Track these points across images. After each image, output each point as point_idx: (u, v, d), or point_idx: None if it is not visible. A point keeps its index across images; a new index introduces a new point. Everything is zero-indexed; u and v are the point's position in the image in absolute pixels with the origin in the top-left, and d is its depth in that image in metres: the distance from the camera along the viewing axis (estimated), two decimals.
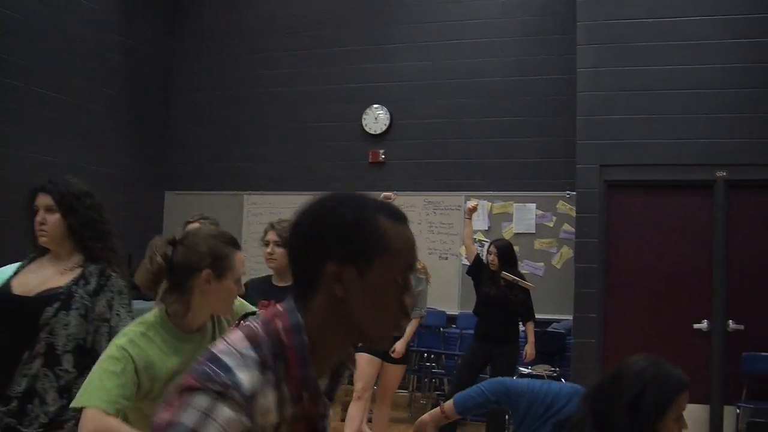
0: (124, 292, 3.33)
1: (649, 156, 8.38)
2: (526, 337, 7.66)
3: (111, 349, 2.60)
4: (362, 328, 1.63)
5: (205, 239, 2.76)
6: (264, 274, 4.95)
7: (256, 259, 10.85)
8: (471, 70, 10.05)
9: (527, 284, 7.60)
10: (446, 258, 9.93)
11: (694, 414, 8.24)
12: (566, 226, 9.41)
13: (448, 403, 3.40)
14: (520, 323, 7.66)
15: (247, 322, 1.64)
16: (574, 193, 8.86)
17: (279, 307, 1.65)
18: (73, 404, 2.59)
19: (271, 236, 4.76)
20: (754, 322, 8.19)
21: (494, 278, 7.48)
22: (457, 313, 9.72)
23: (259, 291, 4.65)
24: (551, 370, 8.48)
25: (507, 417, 7.43)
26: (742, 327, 8.17)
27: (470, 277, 7.84)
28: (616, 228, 8.58)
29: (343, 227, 1.61)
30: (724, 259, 8.24)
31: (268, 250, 4.72)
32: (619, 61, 8.56)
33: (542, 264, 9.51)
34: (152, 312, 2.78)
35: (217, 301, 2.76)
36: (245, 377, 1.52)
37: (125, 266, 3.44)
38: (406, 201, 10.11)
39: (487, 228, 9.73)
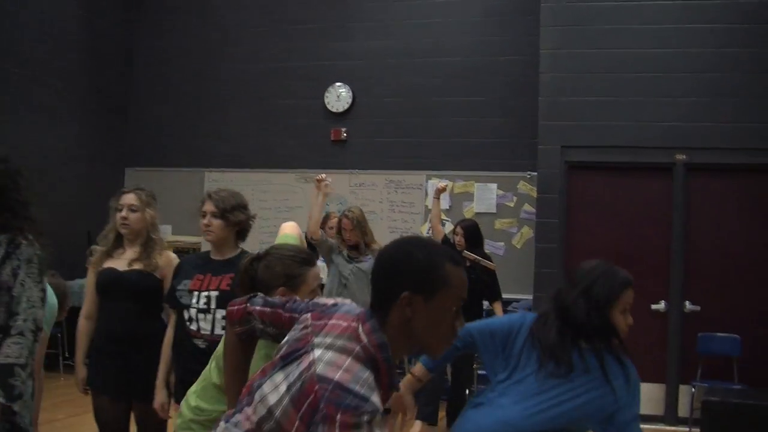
0: (33, 261, 3.17)
1: (610, 138, 8.43)
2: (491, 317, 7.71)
3: None
4: (423, 341, 2.16)
5: (281, 260, 3.12)
6: None
7: None
8: (434, 50, 10.02)
9: (489, 264, 7.62)
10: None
11: (651, 393, 8.35)
12: (527, 207, 9.45)
13: (417, 366, 3.49)
14: (486, 303, 7.68)
15: (343, 344, 2.07)
16: (535, 173, 8.90)
17: (361, 324, 2.11)
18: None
19: (209, 207, 4.24)
20: (710, 304, 8.31)
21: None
22: None
23: (195, 264, 4.28)
24: None
25: (467, 392, 7.49)
26: (698, 308, 8.28)
27: None
28: (577, 209, 8.64)
29: (419, 267, 2.11)
30: (682, 241, 8.34)
31: (205, 221, 4.20)
32: (582, 44, 8.60)
33: (503, 244, 9.55)
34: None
35: None
36: (376, 399, 1.96)
37: (44, 236, 3.30)
38: (367, 179, 10.11)
39: (448, 207, 9.74)
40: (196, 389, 3.29)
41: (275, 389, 2.08)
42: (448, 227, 9.64)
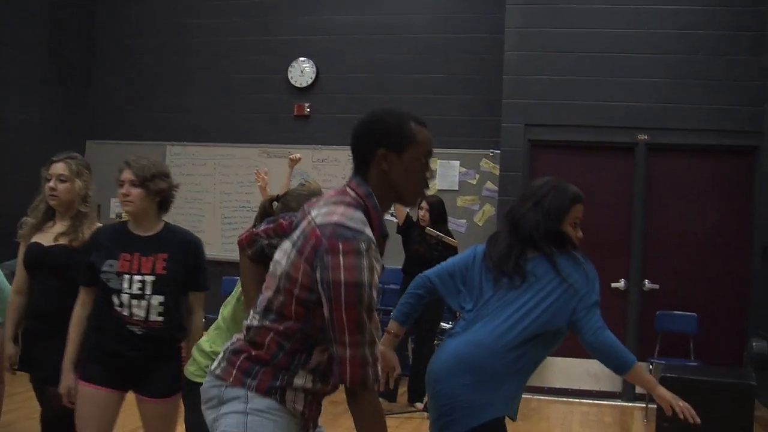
0: None
1: (574, 117, 8.48)
2: None
3: None
4: (400, 191, 2.55)
5: (297, 197, 3.48)
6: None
7: (179, 210, 10.72)
8: (399, 26, 9.99)
9: (451, 240, 7.66)
10: None
11: (608, 371, 8.45)
12: (489, 184, 9.48)
13: (390, 323, 3.61)
14: None
15: (335, 200, 2.47)
16: (498, 151, 8.92)
17: (349, 182, 2.55)
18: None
19: (127, 175, 3.91)
20: (668, 282, 8.41)
21: (424, 236, 7.51)
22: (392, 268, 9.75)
23: (115, 240, 3.87)
24: None
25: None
26: (657, 286, 8.39)
27: (399, 235, 7.82)
28: None
29: (389, 127, 2.52)
30: (643, 221, 8.42)
31: (123, 190, 3.86)
32: (547, 22, 8.62)
33: (464, 221, 9.58)
34: None
35: None
36: (369, 232, 2.38)
37: None
38: (330, 155, 10.08)
39: None
40: (209, 336, 3.70)
41: (285, 254, 2.48)
42: None
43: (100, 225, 4.28)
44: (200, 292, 4.05)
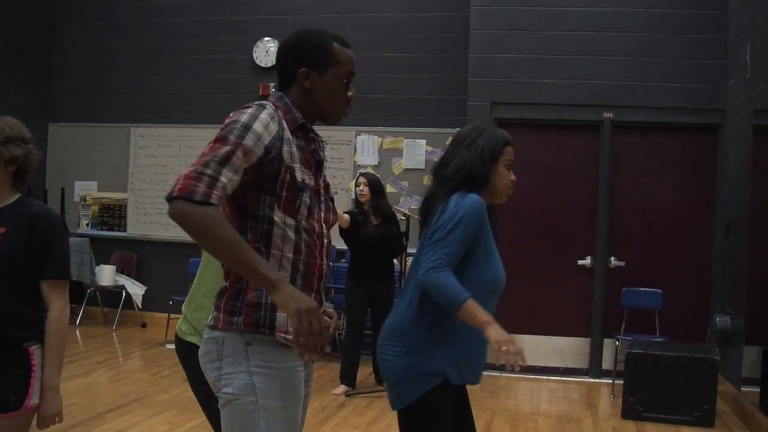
0: None
1: (539, 95, 8.50)
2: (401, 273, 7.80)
3: None
4: (322, 109, 2.63)
5: None
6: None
7: (143, 192, 10.68)
8: (364, 4, 9.94)
9: (418, 218, 7.68)
10: (336, 192, 9.90)
11: (575, 346, 8.53)
12: None
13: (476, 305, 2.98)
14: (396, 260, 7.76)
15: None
16: None
17: (269, 99, 2.59)
18: None
19: None
20: (634, 259, 8.48)
21: (367, 218, 7.47)
22: (346, 248, 9.72)
23: None
24: None
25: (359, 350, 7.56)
26: (623, 263, 8.45)
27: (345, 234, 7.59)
28: None
29: (312, 47, 2.62)
30: (608, 198, 8.47)
31: None
32: (511, 1, 8.62)
33: None
34: None
35: None
36: (269, 106, 2.50)
37: None
38: None
39: (377, 163, 9.73)
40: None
41: None
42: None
43: None
44: (54, 280, 3.24)
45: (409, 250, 7.61)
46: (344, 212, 7.39)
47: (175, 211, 2.24)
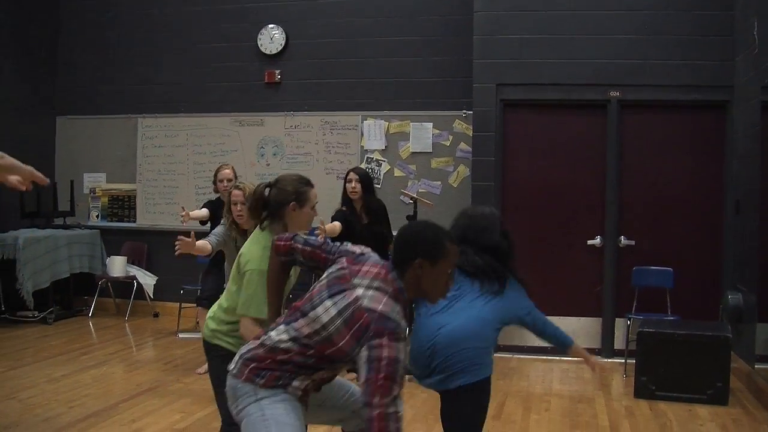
0: None
1: (545, 76, 8.47)
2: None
3: (261, 266, 3.75)
4: (427, 293, 3.19)
5: (291, 182, 3.98)
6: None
7: (151, 183, 10.69)
8: None
9: (426, 202, 7.71)
10: (343, 178, 9.90)
11: (587, 326, 8.53)
12: (463, 145, 9.47)
13: None
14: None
15: (379, 285, 3.05)
16: (471, 112, 8.90)
17: (389, 270, 3.12)
18: (242, 312, 3.81)
19: None
20: (644, 238, 8.46)
21: (357, 216, 7.22)
22: None
23: None
24: None
25: None
26: (633, 242, 8.43)
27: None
28: (512, 146, 8.69)
29: (428, 242, 3.13)
30: (617, 178, 8.44)
31: None
32: None
33: (439, 183, 9.57)
34: (263, 235, 3.93)
35: (300, 224, 4.00)
36: (405, 324, 3.01)
37: None
38: (302, 121, 10.04)
39: (384, 147, 9.72)
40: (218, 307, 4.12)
41: (326, 311, 3.00)
42: (385, 167, 9.67)
43: None
44: None
45: None
46: (333, 218, 7.10)
47: None
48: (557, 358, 8.38)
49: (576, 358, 4.28)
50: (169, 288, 10.14)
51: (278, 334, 3.09)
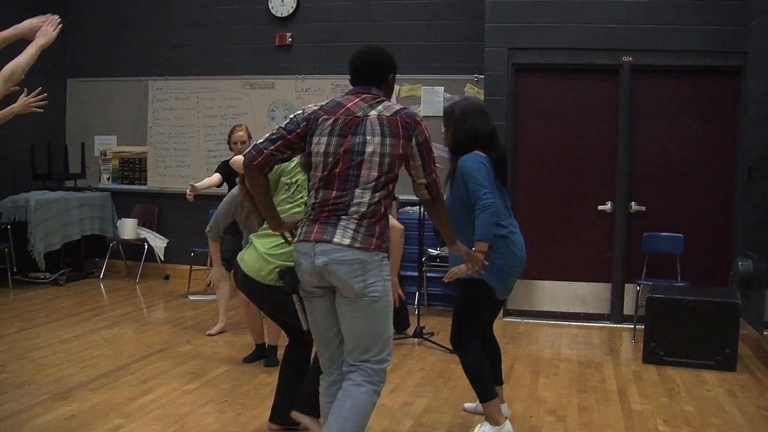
0: None
1: (557, 40, 8.40)
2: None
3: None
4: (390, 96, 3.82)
5: None
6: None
7: (162, 145, 10.70)
8: None
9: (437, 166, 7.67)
10: None
11: (597, 292, 8.53)
12: None
13: (477, 245, 4.45)
14: None
15: (384, 102, 3.69)
16: (482, 76, 8.85)
17: (368, 90, 3.71)
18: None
19: None
20: (655, 204, 8.44)
21: None
22: None
23: None
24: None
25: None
26: (643, 208, 8.41)
27: None
28: (524, 111, 8.64)
29: (393, 60, 3.86)
30: (628, 143, 8.41)
31: None
32: None
33: None
34: None
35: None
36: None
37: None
38: (313, 85, 10.01)
39: None
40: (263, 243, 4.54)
41: (377, 144, 3.53)
42: None
43: None
44: None
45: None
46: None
47: (442, 203, 3.85)
48: (566, 323, 8.40)
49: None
50: (180, 250, 10.18)
51: (360, 192, 3.50)
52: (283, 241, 3.95)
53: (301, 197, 4.62)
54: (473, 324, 4.70)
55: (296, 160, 4.48)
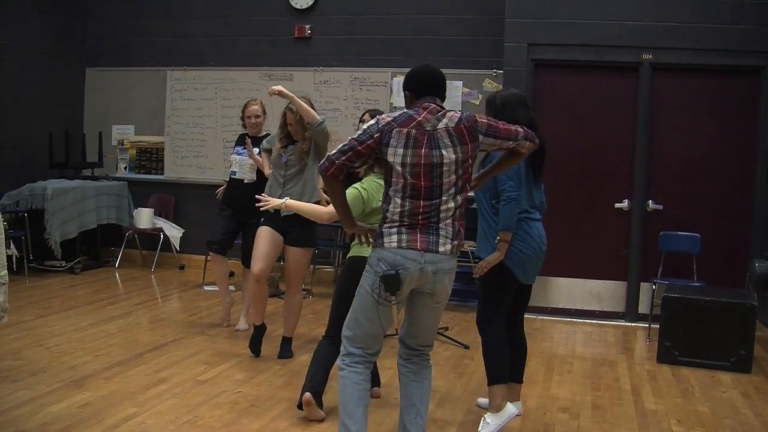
0: None
1: (577, 36, 8.36)
2: None
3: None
4: None
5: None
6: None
7: (179, 135, 10.72)
8: None
9: None
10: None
11: (612, 290, 8.51)
12: None
13: (501, 234, 4.75)
14: None
15: (449, 113, 3.87)
16: (501, 71, 8.83)
17: (433, 100, 3.90)
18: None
19: None
20: (672, 203, 8.39)
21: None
22: None
23: None
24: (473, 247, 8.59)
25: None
26: (660, 207, 8.37)
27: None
28: (542, 107, 8.61)
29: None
30: (647, 141, 8.37)
31: None
32: None
33: None
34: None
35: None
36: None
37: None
38: (331, 77, 10.00)
39: None
40: None
41: (450, 153, 3.78)
42: None
43: None
44: None
45: None
46: None
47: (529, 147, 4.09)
48: (581, 320, 8.38)
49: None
50: (195, 241, 10.20)
51: (445, 198, 3.80)
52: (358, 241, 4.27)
53: None
54: (496, 307, 4.87)
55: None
